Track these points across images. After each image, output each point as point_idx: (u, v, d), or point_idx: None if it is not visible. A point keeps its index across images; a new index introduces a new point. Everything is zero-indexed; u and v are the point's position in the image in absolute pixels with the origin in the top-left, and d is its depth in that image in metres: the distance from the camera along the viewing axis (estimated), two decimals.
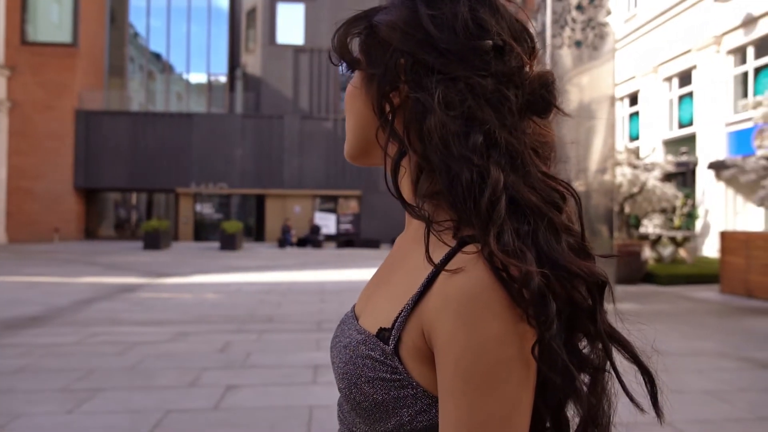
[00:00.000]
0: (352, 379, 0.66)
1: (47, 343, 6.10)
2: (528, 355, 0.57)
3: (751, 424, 3.80)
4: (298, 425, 3.74)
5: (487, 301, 0.57)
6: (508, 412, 0.57)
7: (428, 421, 0.63)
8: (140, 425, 3.71)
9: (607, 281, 0.62)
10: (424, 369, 0.62)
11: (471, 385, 0.57)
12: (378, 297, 0.73)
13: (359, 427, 0.69)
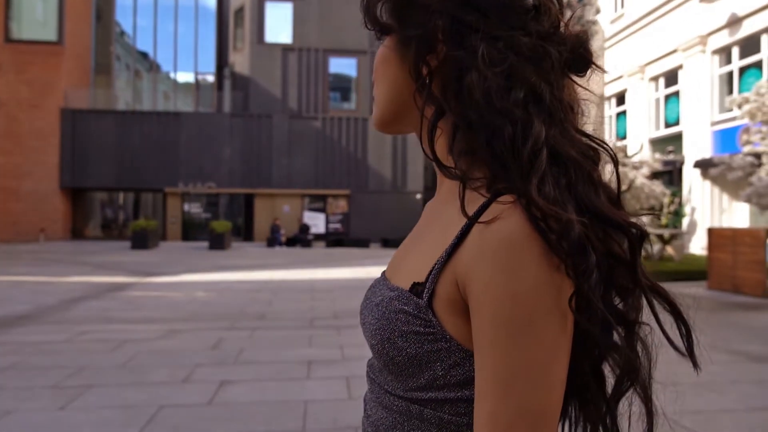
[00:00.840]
0: (385, 334, 0.66)
1: (36, 341, 6.02)
2: (565, 307, 0.57)
3: (743, 414, 3.85)
4: (293, 419, 3.73)
5: (524, 248, 0.57)
6: (546, 360, 0.57)
7: (462, 375, 0.63)
8: (134, 420, 3.68)
9: (647, 234, 0.62)
10: (459, 322, 0.62)
11: (508, 333, 0.57)
12: (409, 257, 0.73)
13: (392, 385, 0.69)
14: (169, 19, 29.84)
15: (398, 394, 0.67)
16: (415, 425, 0.66)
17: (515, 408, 0.56)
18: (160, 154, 25.95)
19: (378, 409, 0.71)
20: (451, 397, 0.64)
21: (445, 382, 0.64)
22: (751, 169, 10.49)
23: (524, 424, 0.56)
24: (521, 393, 0.56)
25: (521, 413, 0.56)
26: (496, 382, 0.57)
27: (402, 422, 0.67)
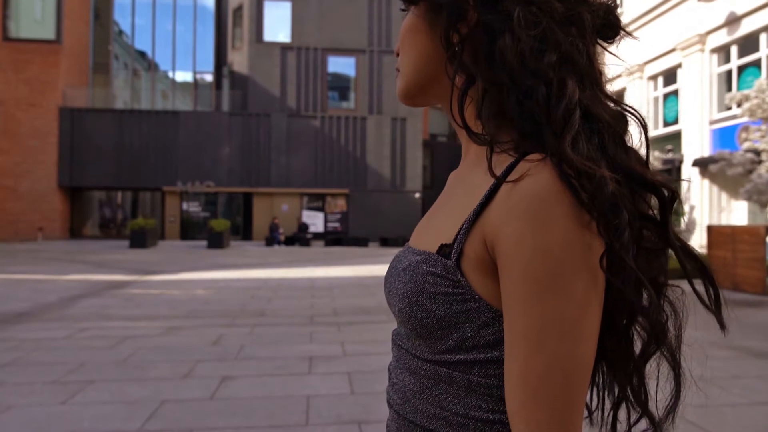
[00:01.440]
0: (413, 296, 0.65)
1: (36, 338, 6.00)
2: (595, 265, 0.57)
3: (747, 408, 3.84)
4: (296, 414, 3.72)
5: (553, 204, 0.57)
6: (577, 315, 0.56)
7: (492, 335, 0.63)
8: (136, 415, 3.66)
9: (678, 194, 0.62)
10: (487, 281, 0.62)
11: (538, 288, 0.56)
12: (435, 223, 0.73)
13: (419, 349, 0.68)
14: (168, 19, 29.80)
15: (426, 358, 0.67)
16: (443, 389, 0.65)
17: (547, 363, 0.56)
18: (158, 153, 25.92)
19: (405, 375, 0.71)
20: (480, 359, 0.63)
21: (475, 344, 0.63)
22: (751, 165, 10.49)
23: (556, 380, 0.56)
24: (553, 348, 0.56)
25: (553, 369, 0.56)
26: (527, 338, 0.57)
27: (430, 387, 0.67)
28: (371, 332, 6.42)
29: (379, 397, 4.06)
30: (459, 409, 0.64)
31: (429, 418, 0.66)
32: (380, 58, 27.29)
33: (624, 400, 0.67)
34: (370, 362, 5.06)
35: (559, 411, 0.56)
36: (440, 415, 0.65)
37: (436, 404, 0.66)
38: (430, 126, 30.82)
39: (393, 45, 27.35)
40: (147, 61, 30.55)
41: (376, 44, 27.29)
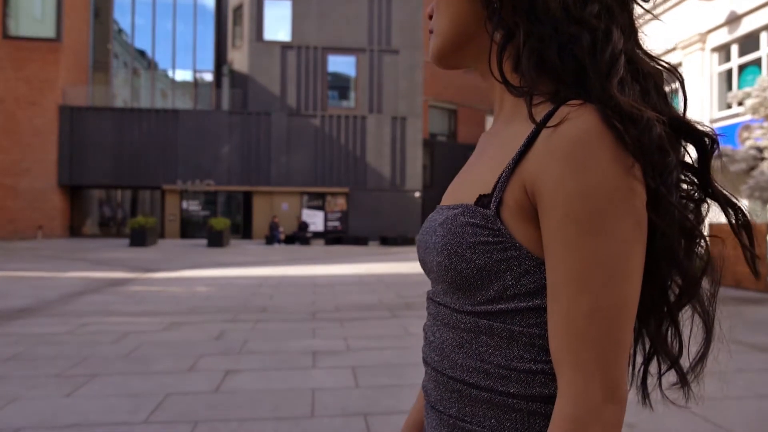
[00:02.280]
0: (452, 248, 0.65)
1: (38, 332, 5.99)
2: (639, 209, 0.58)
3: (750, 401, 3.85)
4: (301, 406, 3.71)
5: (596, 145, 0.57)
6: (620, 255, 0.57)
7: (533, 283, 0.63)
8: (141, 407, 3.66)
9: (719, 142, 0.63)
10: (528, 229, 0.62)
11: (581, 230, 0.57)
12: (469, 178, 0.73)
13: (459, 302, 0.68)
14: (168, 17, 29.77)
15: (466, 311, 0.67)
16: (483, 342, 0.65)
17: (591, 305, 0.56)
18: (158, 152, 25.90)
19: (443, 331, 0.70)
20: (521, 307, 0.63)
21: (516, 292, 0.63)
22: (753, 162, 10.48)
23: (602, 320, 0.56)
24: (597, 289, 0.56)
25: (598, 309, 0.56)
26: (571, 280, 0.57)
27: (470, 340, 0.67)
28: (374, 328, 6.42)
29: (384, 390, 4.07)
30: (500, 360, 0.64)
31: (469, 372, 0.66)
32: (380, 57, 27.29)
33: (655, 354, 0.68)
34: (373, 357, 5.06)
35: (605, 351, 0.56)
36: (481, 368, 0.65)
37: (477, 357, 0.66)
38: (430, 125, 30.82)
39: (393, 44, 27.37)
40: (147, 59, 30.52)
41: (376, 43, 27.28)
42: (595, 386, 0.56)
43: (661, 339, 0.67)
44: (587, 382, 0.56)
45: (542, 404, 0.63)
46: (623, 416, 0.58)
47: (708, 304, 0.65)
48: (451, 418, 0.69)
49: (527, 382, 0.63)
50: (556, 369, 0.59)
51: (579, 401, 0.56)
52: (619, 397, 0.57)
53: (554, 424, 0.58)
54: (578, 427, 0.56)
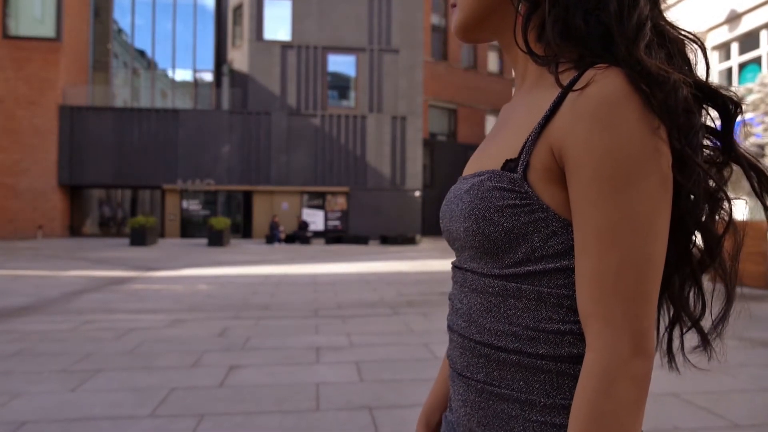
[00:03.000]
0: (480, 212, 0.66)
1: (41, 330, 5.99)
2: (664, 169, 0.59)
3: (755, 394, 3.85)
4: (306, 400, 3.72)
5: (623, 105, 0.58)
6: (648, 213, 0.58)
7: (560, 244, 0.63)
8: (146, 402, 3.66)
9: (742, 106, 0.64)
10: (555, 191, 0.63)
11: (610, 188, 0.58)
12: (493, 146, 0.74)
13: (486, 267, 0.68)
14: (168, 17, 29.76)
15: (493, 274, 0.67)
16: (511, 305, 0.66)
17: (621, 259, 0.57)
18: (158, 151, 25.88)
19: (470, 297, 0.71)
20: (549, 269, 0.64)
21: (544, 254, 0.64)
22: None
23: (631, 275, 0.57)
24: (626, 244, 0.57)
25: (627, 264, 0.57)
26: (599, 237, 0.58)
27: (498, 304, 0.67)
28: (376, 324, 6.42)
29: (388, 385, 4.07)
30: (529, 322, 0.65)
31: (497, 336, 0.67)
32: (380, 56, 27.29)
33: (677, 318, 0.69)
34: (377, 352, 5.06)
35: (634, 305, 0.57)
36: (509, 331, 0.66)
37: (505, 320, 0.66)
38: (430, 125, 30.82)
39: (393, 44, 27.36)
40: (146, 59, 30.51)
41: (376, 43, 27.28)
42: (623, 340, 0.57)
43: (683, 300, 0.68)
44: (616, 336, 0.57)
45: (571, 365, 0.64)
46: (651, 370, 0.59)
47: (730, 266, 0.66)
48: (479, 383, 0.69)
49: (556, 343, 0.64)
50: (584, 324, 0.60)
51: (608, 354, 0.57)
52: (648, 350, 0.58)
53: (583, 378, 0.59)
54: (607, 380, 0.57)
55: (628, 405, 0.57)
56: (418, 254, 18.40)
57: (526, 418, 0.65)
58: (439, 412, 0.92)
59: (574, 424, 0.58)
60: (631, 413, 0.57)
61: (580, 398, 0.59)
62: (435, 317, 6.84)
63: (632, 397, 0.57)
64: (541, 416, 0.65)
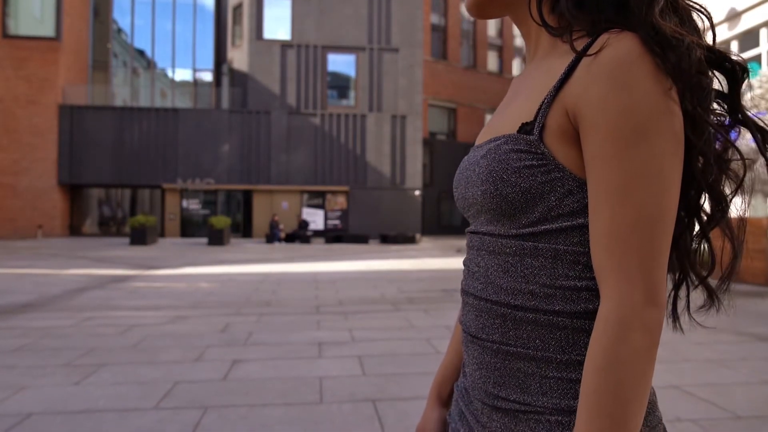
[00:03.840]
0: (497, 174, 0.68)
1: (43, 326, 6.01)
2: (677, 128, 0.61)
3: (756, 387, 3.87)
4: (310, 393, 3.73)
5: (636, 66, 0.60)
6: (660, 168, 0.60)
7: (576, 203, 0.65)
8: (150, 394, 3.68)
9: (748, 70, 0.66)
10: (570, 151, 0.65)
11: (624, 145, 0.60)
12: (507, 112, 0.76)
13: (503, 228, 0.70)
14: (167, 17, 29.75)
15: (511, 235, 0.69)
16: (528, 264, 0.68)
17: (635, 213, 0.60)
18: (158, 151, 25.89)
19: (486, 259, 0.73)
20: (565, 226, 0.66)
21: (560, 212, 0.66)
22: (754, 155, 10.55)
23: (644, 228, 0.60)
24: (640, 199, 0.60)
25: (641, 218, 0.60)
26: (614, 192, 0.60)
27: (515, 263, 0.69)
28: (378, 320, 6.44)
29: (391, 378, 4.09)
30: (545, 280, 0.67)
31: (514, 295, 0.69)
32: (380, 55, 27.30)
33: (684, 279, 0.71)
34: (379, 347, 5.08)
35: (647, 257, 0.60)
36: (526, 290, 0.68)
37: (522, 279, 0.68)
38: (429, 124, 30.84)
39: (393, 43, 27.37)
40: (146, 59, 30.50)
41: (375, 42, 27.29)
42: (637, 290, 0.59)
43: (692, 258, 0.71)
44: (630, 287, 0.60)
45: (587, 321, 0.66)
46: (663, 320, 0.61)
47: (736, 226, 0.68)
48: (494, 344, 0.71)
49: (572, 299, 0.66)
50: (599, 277, 0.62)
51: (622, 304, 0.59)
52: (660, 301, 0.60)
53: (599, 327, 0.61)
54: (622, 329, 0.59)
55: (642, 352, 0.59)
56: (418, 253, 18.42)
57: (542, 375, 0.67)
58: (451, 382, 0.94)
59: (590, 371, 0.60)
60: (645, 360, 0.59)
61: (595, 346, 0.61)
62: (436, 313, 6.86)
63: (646, 344, 0.59)
64: (557, 372, 0.66)
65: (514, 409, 0.69)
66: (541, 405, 0.67)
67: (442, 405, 0.94)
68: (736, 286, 8.45)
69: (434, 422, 0.93)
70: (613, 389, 0.58)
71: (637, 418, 0.59)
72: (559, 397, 0.66)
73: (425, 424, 0.94)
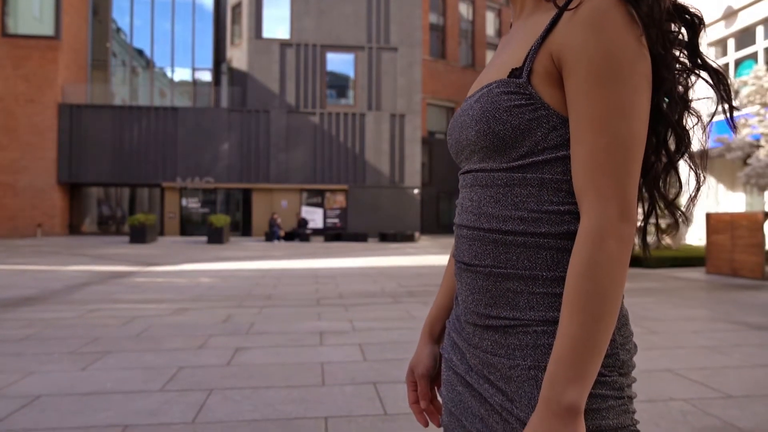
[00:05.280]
0: (490, 114, 0.77)
1: (47, 317, 6.08)
2: (646, 69, 0.71)
3: (748, 370, 3.96)
4: (312, 377, 3.81)
5: (611, 13, 0.69)
6: (633, 101, 0.69)
7: (559, 137, 0.75)
8: (156, 378, 3.75)
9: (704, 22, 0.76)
10: (554, 91, 0.74)
11: (601, 82, 0.69)
12: (496, 64, 0.85)
13: (495, 163, 0.79)
14: (166, 17, 29.80)
15: (501, 168, 0.78)
16: (517, 192, 0.77)
17: (611, 140, 0.69)
18: (157, 149, 25.95)
19: (479, 193, 0.81)
20: (550, 158, 0.75)
21: (545, 146, 0.75)
22: (750, 149, 10.64)
23: (619, 153, 0.69)
24: (615, 127, 0.69)
25: (616, 144, 0.69)
26: (594, 122, 0.69)
27: (505, 193, 0.78)
28: (378, 311, 6.52)
29: (392, 363, 4.17)
30: (533, 206, 0.76)
31: (504, 221, 0.77)
32: (379, 54, 27.38)
33: (652, 209, 0.82)
34: (379, 335, 5.16)
35: (621, 178, 0.69)
36: (515, 216, 0.76)
37: (512, 206, 0.77)
38: (428, 123, 30.93)
39: (391, 42, 27.46)
40: (145, 59, 30.55)
41: (374, 41, 27.38)
42: (612, 207, 0.69)
43: (659, 187, 0.81)
44: (606, 204, 0.69)
45: (569, 241, 0.75)
46: (634, 233, 0.70)
47: (698, 157, 0.78)
48: (486, 268, 0.79)
49: (557, 222, 0.75)
50: (580, 199, 0.72)
51: (600, 218, 0.69)
52: (632, 217, 0.70)
53: (579, 239, 0.70)
54: (600, 239, 0.68)
55: (617, 259, 0.68)
56: (417, 250, 18.50)
57: (530, 292, 0.76)
58: (442, 321, 1.02)
59: (572, 277, 0.69)
60: (619, 265, 0.68)
61: (577, 255, 0.70)
62: None
63: (620, 252, 0.68)
64: (543, 288, 0.75)
65: (504, 325, 0.77)
66: (528, 318, 0.76)
67: (433, 342, 1.02)
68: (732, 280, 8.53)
69: (426, 357, 1.01)
70: (592, 290, 0.67)
71: (611, 315, 0.68)
72: (545, 310, 0.75)
73: (418, 359, 1.01)
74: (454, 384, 0.88)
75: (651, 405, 3.20)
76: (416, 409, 1.01)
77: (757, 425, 2.88)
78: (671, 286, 8.87)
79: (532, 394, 0.74)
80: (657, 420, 2.97)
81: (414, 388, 1.02)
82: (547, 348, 0.74)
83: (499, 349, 0.78)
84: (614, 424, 0.72)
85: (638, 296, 7.67)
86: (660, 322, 5.72)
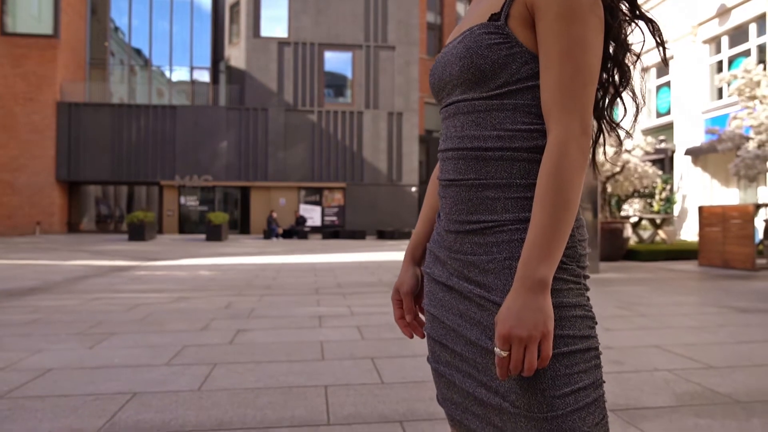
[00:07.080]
0: (473, 50, 0.92)
1: (52, 305, 6.20)
2: (600, 15, 0.88)
3: (732, 346, 4.11)
4: (312, 353, 3.95)
5: None
6: (591, 38, 0.87)
7: (530, 70, 0.91)
8: (161, 355, 3.89)
9: None
10: (527, 33, 0.91)
11: (567, 21, 0.86)
12: (475, 15, 1.00)
13: (476, 93, 0.94)
14: (164, 16, 29.91)
15: (482, 96, 0.93)
16: (495, 115, 0.93)
17: (574, 69, 0.85)
18: (156, 148, 26.06)
19: (462, 120, 0.97)
20: (522, 87, 0.91)
21: (519, 77, 0.91)
22: (740, 140, 10.82)
23: (581, 80, 0.86)
24: (576, 60, 0.85)
25: (579, 72, 0.86)
26: (561, 53, 0.86)
27: (485, 117, 0.93)
28: (375, 298, 6.66)
29: (389, 341, 4.31)
30: (509, 126, 0.92)
31: (485, 140, 0.93)
32: (377, 53, 27.54)
33: (600, 132, 1.02)
34: (377, 319, 5.30)
35: (582, 99, 0.86)
36: (494, 135, 0.92)
37: (491, 127, 0.92)
38: (425, 121, 31.09)
39: (389, 41, 27.61)
40: (143, 58, 30.65)
41: (372, 39, 27.53)
42: (575, 122, 0.85)
43: (607, 114, 1.01)
44: (570, 119, 0.85)
45: (538, 154, 0.91)
46: (590, 144, 0.88)
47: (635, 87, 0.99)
48: (469, 181, 0.94)
49: (529, 138, 0.91)
50: (547, 116, 0.88)
51: (565, 131, 0.85)
52: (589, 131, 0.87)
53: (548, 149, 0.86)
54: (565, 147, 0.84)
55: (577, 164, 0.85)
56: None
57: (506, 197, 0.91)
58: (422, 245, 1.15)
59: (541, 177, 0.86)
60: (578, 170, 0.85)
61: (546, 161, 0.86)
62: None
63: (580, 159, 0.85)
64: (517, 193, 0.91)
65: (483, 227, 0.92)
66: (504, 219, 0.91)
67: (415, 263, 1.16)
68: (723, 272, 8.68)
69: (410, 277, 1.14)
70: (558, 186, 0.84)
71: (573, 208, 0.85)
72: (519, 211, 0.90)
73: (402, 280, 1.14)
74: (435, 292, 1.02)
75: (636, 375, 3.35)
76: (402, 324, 1.14)
77: (735, 390, 3.03)
78: (663, 277, 9.03)
79: (507, 281, 0.88)
80: (642, 386, 3.12)
81: (399, 306, 1.14)
82: (520, 242, 0.89)
83: (477, 249, 0.93)
84: (573, 302, 0.89)
85: (630, 285, 7.83)
86: (650, 307, 5.87)
